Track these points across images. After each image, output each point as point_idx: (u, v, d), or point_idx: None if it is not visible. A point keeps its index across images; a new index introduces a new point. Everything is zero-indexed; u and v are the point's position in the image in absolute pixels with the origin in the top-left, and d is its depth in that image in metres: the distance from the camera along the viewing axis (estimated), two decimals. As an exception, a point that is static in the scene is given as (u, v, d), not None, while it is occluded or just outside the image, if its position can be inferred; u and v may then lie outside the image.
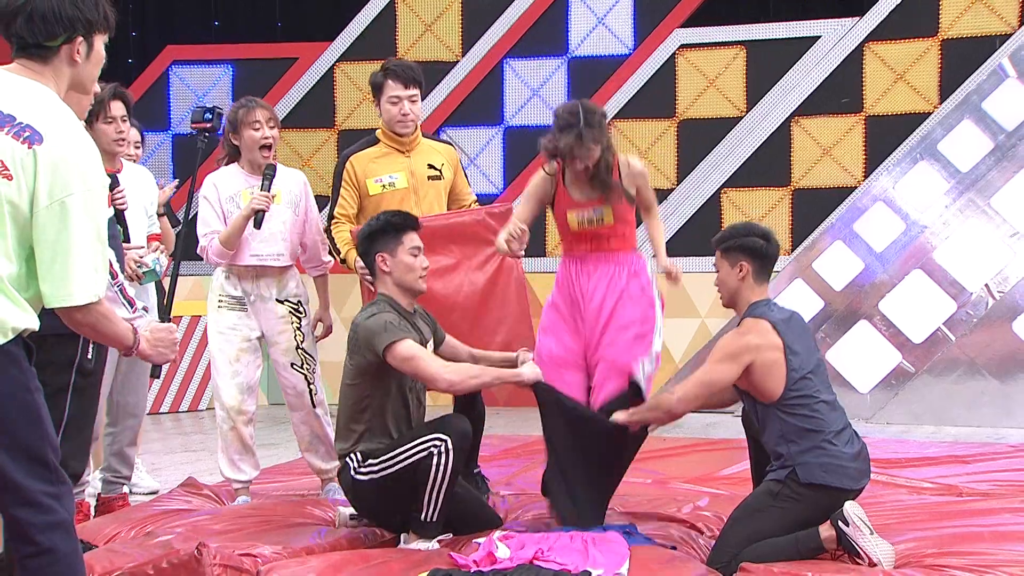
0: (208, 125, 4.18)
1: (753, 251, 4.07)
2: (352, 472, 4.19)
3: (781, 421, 3.95)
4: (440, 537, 4.16)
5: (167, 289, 4.57)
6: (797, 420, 3.93)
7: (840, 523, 3.82)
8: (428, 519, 4.09)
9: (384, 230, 4.26)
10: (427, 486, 4.05)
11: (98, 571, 3.80)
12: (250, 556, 3.84)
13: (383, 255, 4.25)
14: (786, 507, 3.90)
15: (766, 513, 3.92)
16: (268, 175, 4.81)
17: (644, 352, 4.31)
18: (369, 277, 4.59)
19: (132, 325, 2.90)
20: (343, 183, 4.96)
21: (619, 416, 4.18)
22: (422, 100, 5.05)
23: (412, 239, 4.27)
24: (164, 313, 5.28)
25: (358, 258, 4.69)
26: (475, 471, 4.67)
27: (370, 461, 4.15)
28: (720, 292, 4.18)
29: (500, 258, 4.84)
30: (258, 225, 4.78)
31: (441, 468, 4.04)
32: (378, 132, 5.05)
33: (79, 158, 2.68)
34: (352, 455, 4.21)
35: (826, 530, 3.86)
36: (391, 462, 4.12)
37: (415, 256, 4.26)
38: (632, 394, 4.29)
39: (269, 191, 4.80)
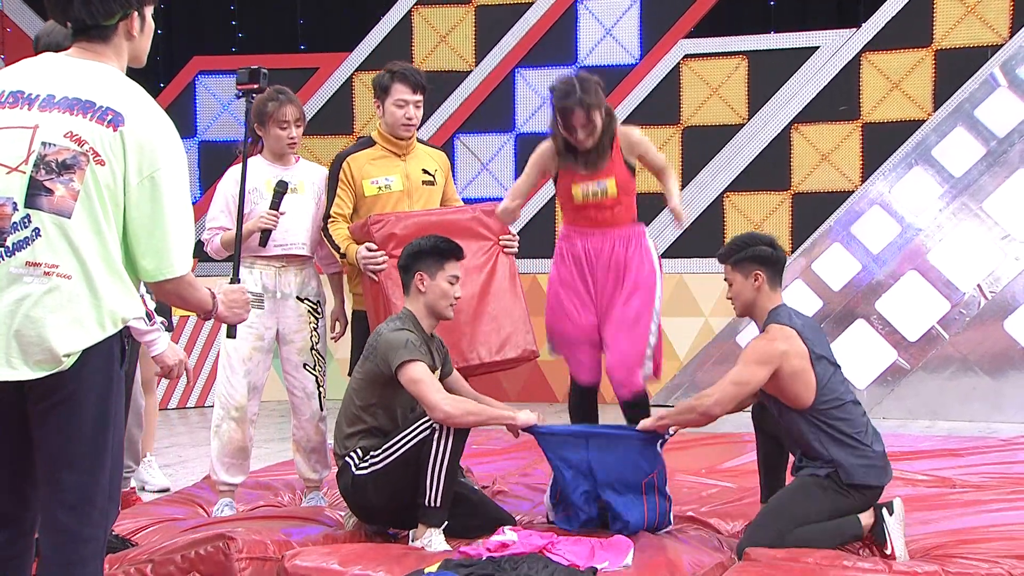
0: (255, 86, 3.98)
1: (764, 259, 4.07)
2: (353, 469, 4.13)
3: (814, 427, 3.95)
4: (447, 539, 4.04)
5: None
6: (831, 423, 3.94)
7: (885, 510, 3.88)
8: (432, 503, 4.01)
9: (431, 252, 4.25)
10: (428, 465, 3.99)
11: (128, 556, 3.83)
12: (276, 541, 3.83)
13: (423, 275, 4.23)
14: (833, 499, 3.93)
15: (811, 503, 3.93)
16: (279, 192, 4.69)
17: (645, 337, 4.33)
18: (375, 268, 4.58)
19: (211, 290, 2.86)
20: (339, 183, 4.83)
21: (646, 423, 4.13)
22: (431, 109, 5.02)
23: (454, 267, 4.26)
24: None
25: (359, 249, 4.65)
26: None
27: (371, 454, 4.11)
28: (735, 303, 4.15)
29: (495, 255, 4.82)
30: (263, 243, 4.69)
31: (442, 444, 3.99)
32: (374, 134, 4.94)
33: (160, 133, 2.65)
34: (352, 454, 4.15)
35: (867, 517, 3.92)
36: (392, 449, 4.08)
37: (451, 284, 4.25)
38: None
39: (278, 209, 4.68)
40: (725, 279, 4.16)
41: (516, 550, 3.82)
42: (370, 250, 4.64)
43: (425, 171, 4.94)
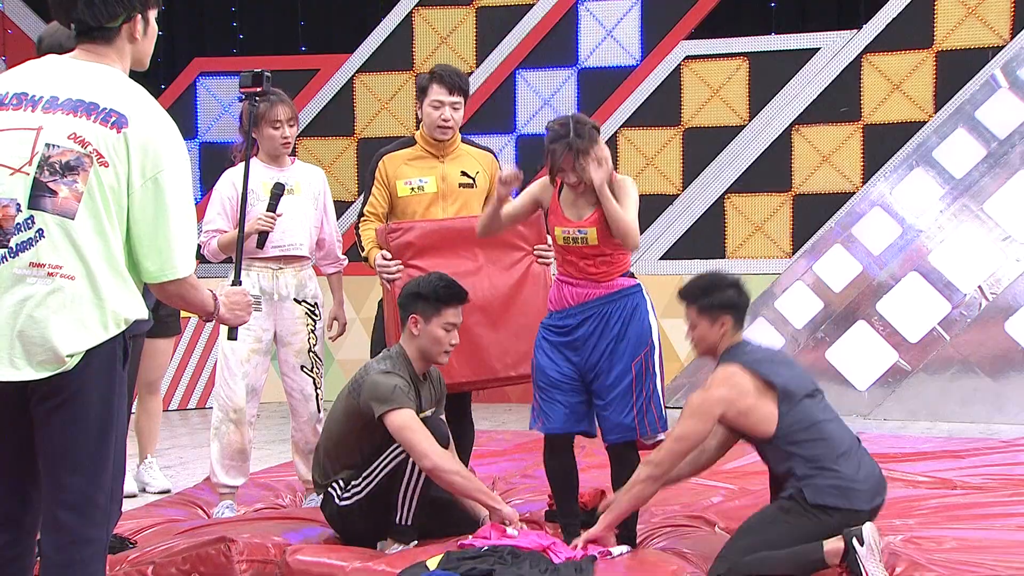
0: (258, 89, 4.02)
1: (732, 305, 3.94)
2: (336, 501, 4.07)
3: (785, 453, 3.83)
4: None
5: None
6: (801, 449, 3.80)
7: (855, 540, 3.65)
8: (402, 522, 3.99)
9: (429, 297, 4.11)
10: (401, 486, 3.96)
11: (129, 557, 3.86)
12: (277, 544, 3.87)
13: (417, 318, 4.11)
14: (796, 523, 3.77)
15: (775, 527, 3.80)
16: (276, 194, 4.68)
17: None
18: (388, 277, 4.54)
19: (212, 292, 2.86)
20: (375, 181, 4.77)
21: (593, 532, 3.96)
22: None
23: (453, 315, 4.11)
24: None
25: (376, 256, 4.62)
26: None
27: (352, 483, 4.05)
28: (696, 347, 4.04)
29: (527, 264, 4.68)
30: (260, 245, 4.68)
31: (415, 467, 3.95)
32: (416, 134, 4.88)
33: (164, 135, 2.66)
34: (334, 484, 4.09)
35: (831, 543, 3.69)
36: (371, 476, 4.03)
37: (447, 331, 4.10)
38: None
39: (275, 211, 4.68)
40: (687, 319, 4.00)
41: (519, 543, 3.82)
42: (385, 259, 4.60)
43: (464, 173, 4.83)
